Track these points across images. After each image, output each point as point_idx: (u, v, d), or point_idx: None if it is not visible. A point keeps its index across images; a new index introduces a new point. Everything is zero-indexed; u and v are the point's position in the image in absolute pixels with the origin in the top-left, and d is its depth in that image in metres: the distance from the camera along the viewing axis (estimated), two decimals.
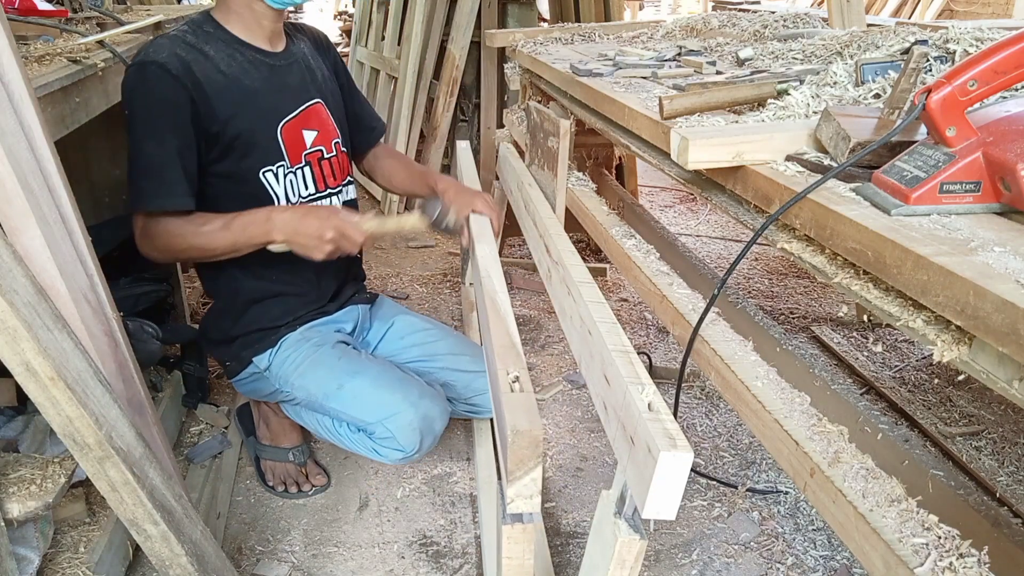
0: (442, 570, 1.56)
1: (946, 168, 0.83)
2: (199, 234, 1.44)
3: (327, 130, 1.66)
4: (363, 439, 1.58)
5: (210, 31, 1.50)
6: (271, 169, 1.55)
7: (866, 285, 0.87)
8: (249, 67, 1.52)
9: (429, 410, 1.55)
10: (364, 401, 1.55)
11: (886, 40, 1.48)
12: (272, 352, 1.64)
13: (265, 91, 1.53)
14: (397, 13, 3.74)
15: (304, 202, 1.61)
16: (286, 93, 1.58)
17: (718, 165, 1.10)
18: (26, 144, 1.13)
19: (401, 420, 1.52)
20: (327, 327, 1.70)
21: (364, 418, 1.55)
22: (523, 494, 0.80)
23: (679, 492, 0.78)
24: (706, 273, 1.63)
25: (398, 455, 1.55)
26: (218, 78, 1.46)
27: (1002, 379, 0.70)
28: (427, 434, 1.55)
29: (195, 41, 1.47)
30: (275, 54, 1.58)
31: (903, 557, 0.78)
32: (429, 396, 1.58)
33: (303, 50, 1.66)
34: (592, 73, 1.83)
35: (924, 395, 2.08)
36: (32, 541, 1.16)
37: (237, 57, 1.51)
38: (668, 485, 0.77)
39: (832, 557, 1.58)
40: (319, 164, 1.64)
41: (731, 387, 1.12)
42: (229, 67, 1.48)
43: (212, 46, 1.48)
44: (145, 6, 2.82)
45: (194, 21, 1.52)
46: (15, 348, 0.97)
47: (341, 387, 1.57)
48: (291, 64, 1.60)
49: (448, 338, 1.82)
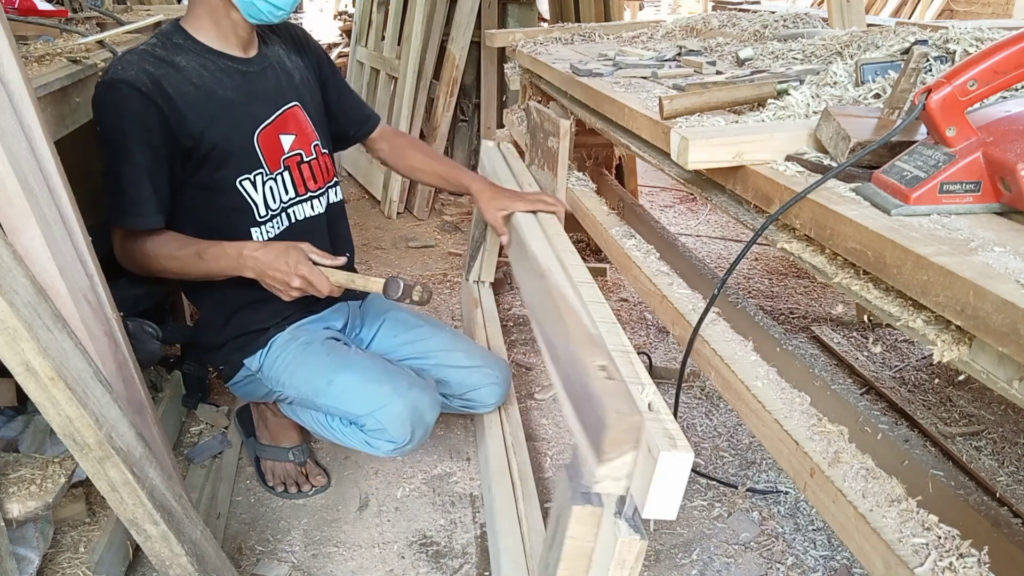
0: (442, 570, 1.56)
1: (946, 168, 0.83)
2: (172, 258, 1.48)
3: (305, 133, 1.64)
4: (355, 432, 1.58)
5: (179, 42, 1.48)
6: (248, 177, 1.53)
7: (866, 285, 0.87)
8: (222, 76, 1.50)
9: (418, 400, 1.55)
10: (353, 395, 1.55)
11: (886, 40, 1.48)
12: (263, 353, 1.64)
13: (239, 100, 1.51)
14: (397, 13, 3.74)
15: (285, 207, 1.60)
16: (261, 99, 1.56)
17: (718, 165, 1.10)
18: (26, 144, 1.13)
19: (391, 411, 1.52)
20: (316, 325, 1.70)
21: (354, 411, 1.55)
22: (613, 475, 0.81)
23: (680, 492, 0.78)
24: (706, 273, 1.63)
25: (390, 447, 1.55)
26: (190, 90, 1.45)
27: (1002, 379, 0.70)
28: (418, 425, 1.54)
29: (164, 54, 1.44)
30: (248, 60, 1.55)
31: (903, 557, 0.78)
32: (418, 387, 1.57)
33: (277, 52, 1.63)
34: (592, 73, 1.83)
35: (924, 395, 2.08)
36: (32, 541, 1.16)
37: (209, 67, 1.49)
38: (669, 485, 0.77)
39: (832, 557, 1.58)
40: (298, 168, 1.62)
41: (731, 387, 1.12)
42: (201, 78, 1.47)
43: (183, 57, 1.46)
44: (145, 6, 2.82)
45: (163, 32, 1.49)
46: (15, 348, 0.97)
47: (330, 383, 1.56)
48: (265, 69, 1.58)
49: (441, 334, 1.82)
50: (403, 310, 1.88)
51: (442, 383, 1.75)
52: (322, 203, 1.68)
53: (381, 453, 1.58)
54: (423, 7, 3.41)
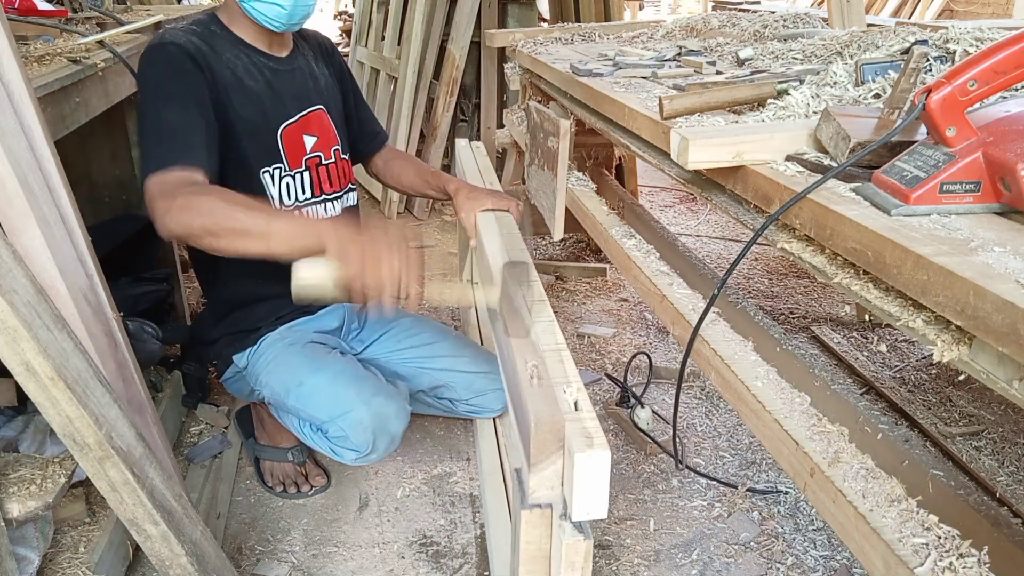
0: (442, 570, 1.56)
1: (946, 168, 0.83)
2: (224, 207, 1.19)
3: (328, 137, 1.66)
4: (322, 438, 1.55)
5: (216, 31, 1.51)
6: (268, 170, 1.55)
7: (866, 285, 0.87)
8: (253, 69, 1.52)
9: (383, 408, 1.49)
10: (320, 398, 1.51)
11: (886, 40, 1.48)
12: (251, 351, 1.64)
13: (267, 94, 1.54)
14: (397, 13, 3.74)
15: (299, 206, 1.61)
16: (288, 98, 1.58)
17: (718, 165, 1.10)
18: (26, 144, 1.13)
19: (352, 418, 1.47)
20: (308, 326, 1.69)
21: (319, 416, 1.52)
22: (545, 483, 0.81)
23: (604, 491, 0.77)
24: (706, 273, 1.63)
25: (352, 455, 1.51)
26: (226, 74, 1.47)
27: (1002, 379, 0.70)
28: (381, 434, 1.49)
29: (206, 37, 1.47)
30: (279, 59, 1.58)
31: (903, 557, 0.78)
32: (384, 394, 1.52)
33: (307, 57, 1.67)
34: (592, 73, 1.83)
35: (924, 395, 2.08)
36: (32, 541, 1.16)
37: (242, 58, 1.51)
38: (591, 485, 0.77)
39: (832, 557, 1.58)
40: (317, 170, 1.64)
41: (731, 387, 1.12)
42: (235, 67, 1.49)
43: (219, 44, 1.49)
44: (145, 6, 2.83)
45: (200, 21, 1.52)
46: (15, 348, 0.97)
47: (301, 384, 1.53)
48: (294, 70, 1.61)
49: (447, 339, 1.81)
50: (408, 314, 1.87)
51: (448, 388, 1.75)
52: (336, 207, 1.69)
53: (346, 461, 1.54)
54: (423, 7, 3.41)
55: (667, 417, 2.02)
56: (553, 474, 0.81)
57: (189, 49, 1.40)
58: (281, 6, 1.45)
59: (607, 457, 0.76)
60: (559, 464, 0.80)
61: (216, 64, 1.45)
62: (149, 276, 2.09)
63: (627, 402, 2.04)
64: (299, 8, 1.47)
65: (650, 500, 1.76)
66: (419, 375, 1.74)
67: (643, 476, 1.84)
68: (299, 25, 1.54)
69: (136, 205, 2.18)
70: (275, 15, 1.47)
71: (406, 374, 1.74)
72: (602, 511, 0.78)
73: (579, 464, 0.76)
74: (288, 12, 1.46)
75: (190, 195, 1.22)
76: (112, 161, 2.14)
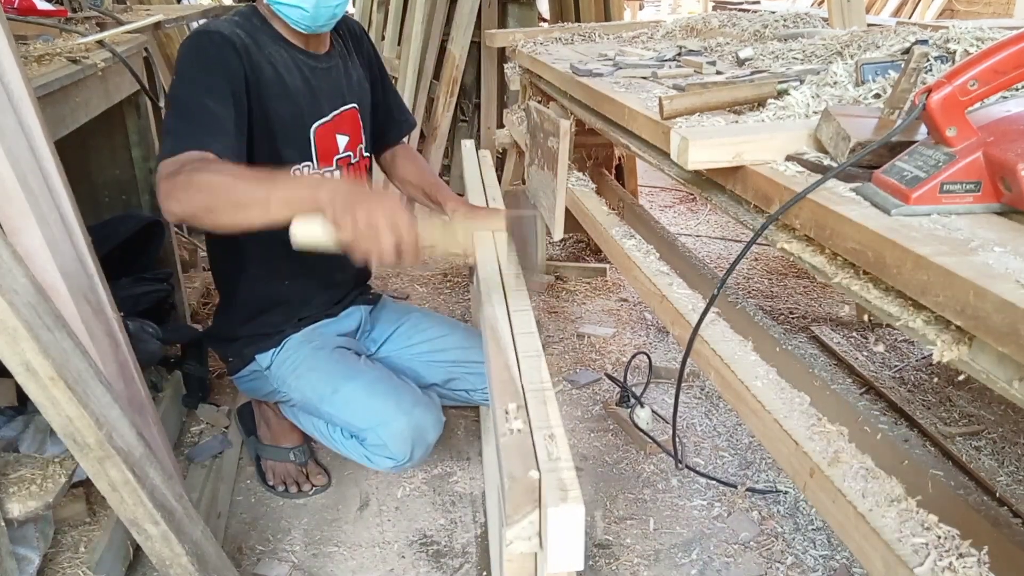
0: (442, 570, 1.56)
1: (946, 168, 0.83)
2: (225, 180, 1.16)
3: (357, 136, 1.68)
4: (356, 445, 1.58)
5: (257, 24, 1.51)
6: (298, 168, 1.55)
7: (866, 285, 0.87)
8: (292, 66, 1.53)
9: (422, 419, 1.53)
10: (357, 407, 1.54)
11: (886, 40, 1.48)
12: (275, 352, 1.65)
13: (304, 91, 1.54)
14: (397, 13, 3.74)
15: None
16: (324, 96, 1.58)
17: (718, 165, 1.10)
18: (26, 144, 1.13)
19: (393, 428, 1.51)
20: (330, 329, 1.71)
21: (356, 424, 1.55)
22: (521, 536, 0.80)
23: (579, 543, 0.75)
24: (706, 273, 1.63)
25: (389, 463, 1.54)
26: (267, 68, 1.47)
27: (1002, 379, 0.70)
28: (418, 444, 1.53)
29: (249, 30, 1.47)
30: (317, 56, 1.58)
31: (903, 557, 0.78)
32: (423, 405, 1.56)
33: (343, 53, 1.67)
34: (592, 73, 1.83)
35: (924, 395, 2.08)
36: (32, 541, 1.16)
37: (283, 54, 1.51)
38: (565, 537, 0.75)
39: (832, 557, 1.58)
40: (347, 169, 1.66)
41: (731, 387, 1.12)
42: (274, 62, 1.49)
43: (261, 40, 1.49)
44: (145, 6, 2.83)
45: (242, 13, 1.52)
46: (15, 348, 0.97)
47: (335, 391, 1.56)
48: (331, 68, 1.61)
49: (456, 331, 1.82)
50: (418, 309, 1.89)
51: (461, 380, 1.75)
52: None
53: (380, 468, 1.58)
54: (423, 7, 3.41)
55: (667, 417, 2.02)
56: (529, 525, 0.79)
57: (234, 40, 1.41)
58: (303, 8, 1.44)
59: (581, 511, 0.74)
60: (535, 516, 0.79)
61: (258, 58, 1.45)
62: (149, 276, 2.08)
63: (627, 402, 2.05)
64: (322, 10, 1.45)
65: (650, 500, 1.76)
66: (431, 369, 1.74)
67: (643, 476, 1.84)
68: (327, 27, 1.53)
69: (136, 205, 2.18)
70: (299, 17, 1.46)
71: (418, 369, 1.75)
72: (578, 563, 0.76)
73: (552, 518, 0.74)
74: (311, 14, 1.45)
75: (190, 173, 1.18)
76: (112, 161, 2.14)
